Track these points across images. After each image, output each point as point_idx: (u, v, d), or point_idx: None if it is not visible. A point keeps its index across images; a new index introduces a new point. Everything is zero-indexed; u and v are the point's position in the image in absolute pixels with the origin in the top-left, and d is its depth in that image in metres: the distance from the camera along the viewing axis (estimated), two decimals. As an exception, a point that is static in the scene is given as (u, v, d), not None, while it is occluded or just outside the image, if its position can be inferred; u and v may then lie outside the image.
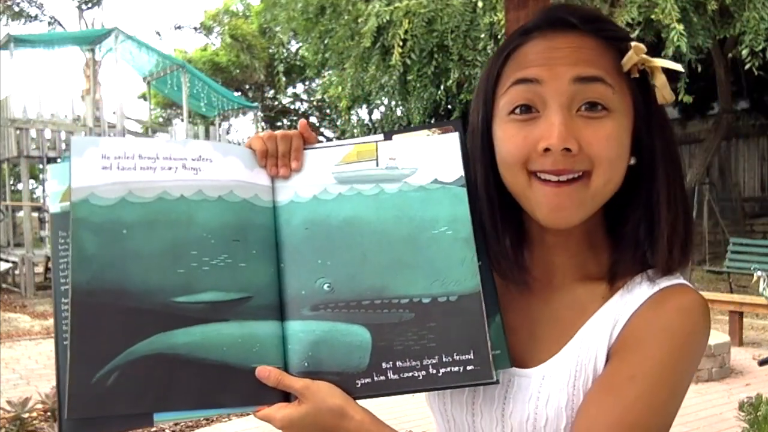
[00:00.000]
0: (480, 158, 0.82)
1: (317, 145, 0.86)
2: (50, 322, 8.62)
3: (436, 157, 0.83)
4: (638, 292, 0.77)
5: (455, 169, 0.82)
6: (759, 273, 6.01)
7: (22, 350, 7.09)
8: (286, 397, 0.76)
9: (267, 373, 0.75)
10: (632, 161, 0.78)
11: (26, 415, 4.07)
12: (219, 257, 0.78)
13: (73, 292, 0.73)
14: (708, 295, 6.79)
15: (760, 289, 5.94)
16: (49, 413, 4.19)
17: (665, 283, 0.77)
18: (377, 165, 0.83)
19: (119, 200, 0.76)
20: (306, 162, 0.84)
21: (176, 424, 4.36)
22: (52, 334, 0.77)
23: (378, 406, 0.79)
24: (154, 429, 4.04)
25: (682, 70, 0.79)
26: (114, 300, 0.74)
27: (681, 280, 0.78)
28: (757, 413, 2.89)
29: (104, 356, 0.72)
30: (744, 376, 5.37)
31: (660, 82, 0.77)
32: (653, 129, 0.78)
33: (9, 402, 4.13)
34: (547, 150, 0.73)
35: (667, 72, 0.79)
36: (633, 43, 0.75)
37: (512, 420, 0.77)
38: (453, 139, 0.84)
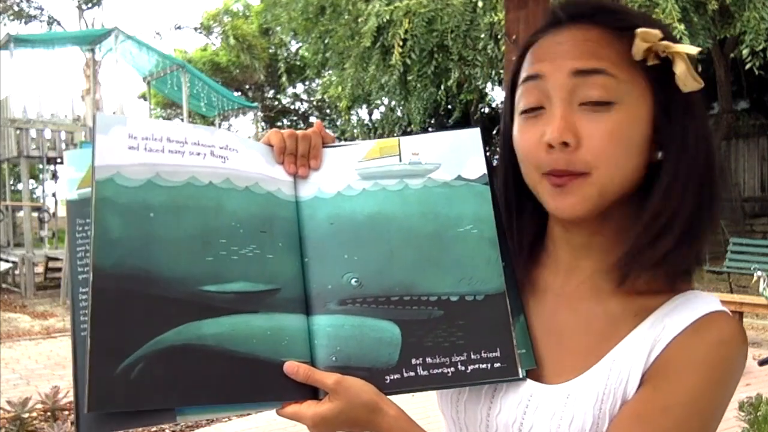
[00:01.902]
0: (502, 155, 0.82)
1: (339, 144, 0.86)
2: (50, 322, 8.62)
3: (459, 152, 0.83)
4: (677, 317, 0.73)
5: (478, 166, 0.83)
6: (759, 273, 6.00)
7: (22, 350, 7.09)
8: (314, 393, 0.74)
9: (296, 368, 0.73)
10: (659, 156, 0.75)
11: (26, 415, 4.07)
12: (248, 247, 0.76)
13: (94, 276, 0.68)
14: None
15: (760, 289, 5.93)
16: (49, 413, 4.19)
17: (706, 309, 0.74)
18: (400, 160, 0.83)
19: (146, 182, 0.73)
20: (328, 159, 0.84)
21: (176, 424, 4.35)
22: (53, 334, 0.76)
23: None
24: (154, 429, 4.04)
25: (697, 50, 0.72)
26: (139, 286, 0.70)
27: (722, 307, 0.75)
28: (757, 413, 2.89)
29: (129, 346, 0.68)
30: (744, 376, 5.31)
31: (680, 69, 0.71)
32: (674, 119, 0.74)
33: (9, 402, 4.13)
34: (551, 146, 0.72)
35: None
36: (638, 30, 0.71)
37: None
38: (475, 134, 0.85)
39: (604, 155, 0.72)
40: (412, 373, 0.76)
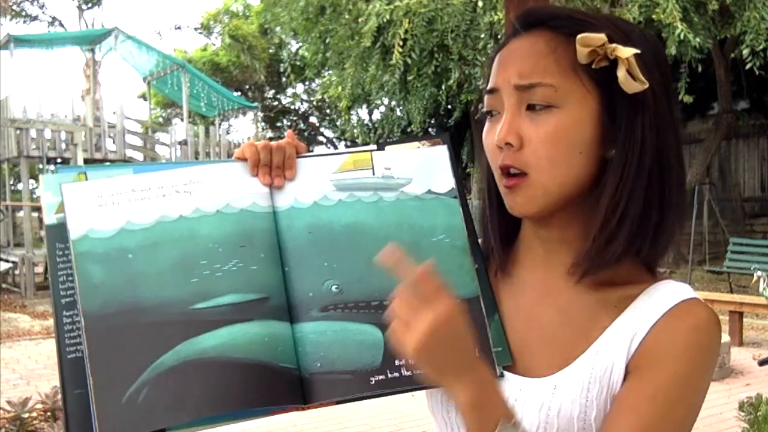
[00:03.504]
0: (482, 156, 0.86)
1: (311, 154, 0.88)
2: (50, 322, 8.62)
3: (428, 168, 0.88)
4: (654, 305, 0.77)
5: (447, 181, 0.87)
6: (759, 273, 6.01)
7: (22, 350, 7.10)
8: (304, 399, 0.76)
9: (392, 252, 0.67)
10: (612, 152, 0.77)
11: (26, 415, 4.07)
12: (230, 262, 0.78)
13: (85, 319, 0.73)
14: (708, 295, 6.79)
15: (760, 289, 5.94)
16: (49, 413, 4.19)
17: (680, 297, 0.77)
18: (374, 174, 0.86)
19: (119, 230, 0.77)
20: (303, 170, 0.86)
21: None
22: (53, 334, 0.76)
23: (378, 406, 0.79)
24: None
25: (638, 51, 0.74)
26: (131, 319, 0.74)
27: (695, 295, 0.78)
28: (757, 413, 2.89)
29: (130, 375, 0.71)
30: (744, 376, 5.37)
31: (621, 73, 0.74)
32: (619, 119, 0.77)
33: (9, 402, 4.13)
34: (500, 147, 0.78)
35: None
36: (578, 36, 0.74)
37: None
38: (443, 151, 0.89)
39: (544, 156, 0.76)
40: (396, 374, 0.78)
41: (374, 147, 0.89)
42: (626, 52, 0.74)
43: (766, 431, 2.80)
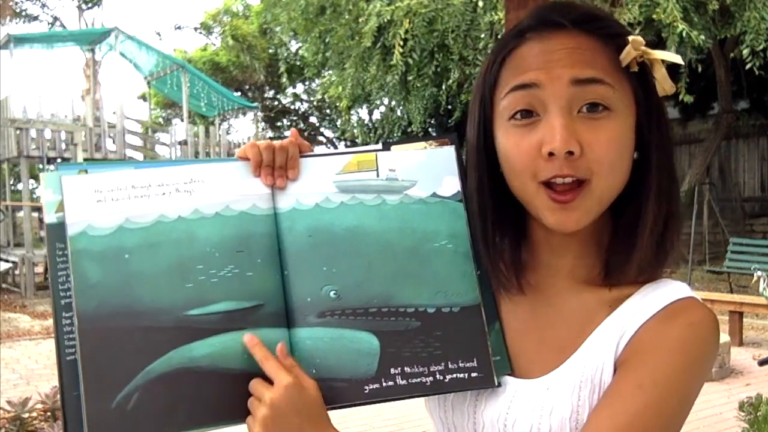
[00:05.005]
0: (477, 163, 0.81)
1: (315, 153, 0.86)
2: (50, 322, 8.59)
3: (434, 170, 0.85)
4: (647, 304, 0.76)
5: (453, 184, 0.85)
6: (759, 273, 6.01)
7: (22, 350, 7.09)
8: None
9: (255, 342, 0.74)
10: (635, 156, 0.77)
11: (26, 415, 4.06)
12: (226, 268, 0.77)
13: (79, 320, 0.72)
14: (708, 295, 6.79)
15: (760, 289, 5.94)
16: (49, 413, 4.18)
17: (675, 295, 0.76)
18: (378, 175, 0.84)
19: (117, 228, 0.76)
20: (306, 170, 0.84)
21: None
22: (53, 334, 0.76)
23: (378, 406, 0.79)
24: None
25: (682, 62, 0.77)
26: (124, 322, 0.73)
27: (691, 294, 0.77)
28: (757, 413, 2.89)
29: (121, 379, 0.71)
30: (744, 376, 5.37)
31: (660, 74, 0.76)
32: (652, 122, 0.77)
33: (9, 402, 4.13)
34: (551, 154, 0.72)
35: (669, 70, 0.79)
36: (630, 37, 0.73)
37: (515, 430, 0.77)
38: (449, 153, 0.86)
39: (606, 162, 0.73)
40: (391, 383, 0.77)
41: (379, 147, 0.86)
42: (660, 55, 0.75)
43: (766, 431, 2.80)
